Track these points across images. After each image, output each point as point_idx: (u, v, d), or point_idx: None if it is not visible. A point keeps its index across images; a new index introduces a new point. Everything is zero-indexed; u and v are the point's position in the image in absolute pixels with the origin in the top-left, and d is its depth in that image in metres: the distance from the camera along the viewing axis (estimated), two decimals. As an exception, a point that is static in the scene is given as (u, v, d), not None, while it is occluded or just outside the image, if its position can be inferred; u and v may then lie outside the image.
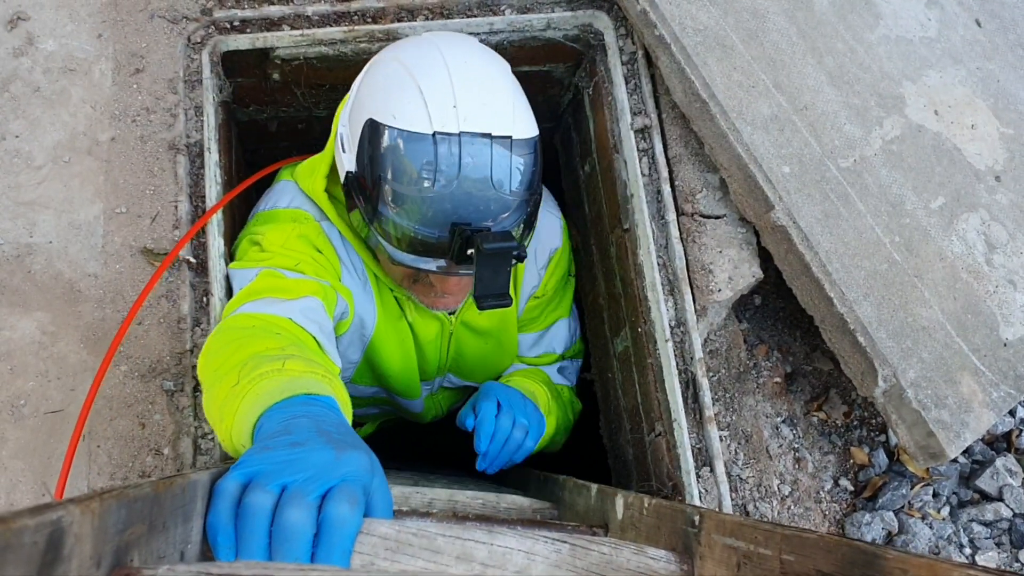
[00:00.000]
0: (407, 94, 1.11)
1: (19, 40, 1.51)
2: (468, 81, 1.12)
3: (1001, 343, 1.33)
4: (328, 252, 1.33)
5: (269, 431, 0.80)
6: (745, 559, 0.64)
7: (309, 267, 1.26)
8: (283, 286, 1.20)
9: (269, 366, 0.92)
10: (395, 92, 1.13)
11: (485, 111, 1.11)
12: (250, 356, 0.97)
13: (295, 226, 1.31)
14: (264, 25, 1.54)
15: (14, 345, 1.33)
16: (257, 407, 0.86)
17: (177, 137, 1.45)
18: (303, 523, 0.66)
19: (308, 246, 1.30)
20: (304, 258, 1.27)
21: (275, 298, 1.18)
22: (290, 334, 1.11)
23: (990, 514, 1.39)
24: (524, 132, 1.15)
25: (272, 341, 1.03)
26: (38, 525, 0.40)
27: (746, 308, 1.52)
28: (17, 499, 1.27)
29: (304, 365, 0.94)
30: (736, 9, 1.46)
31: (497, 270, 1.09)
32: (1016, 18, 1.65)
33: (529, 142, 1.16)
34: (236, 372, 0.94)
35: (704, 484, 1.29)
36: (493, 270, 1.08)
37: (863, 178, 1.38)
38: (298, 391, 0.87)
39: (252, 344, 1.01)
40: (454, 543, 0.71)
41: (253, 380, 0.89)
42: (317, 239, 1.32)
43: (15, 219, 1.40)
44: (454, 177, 1.08)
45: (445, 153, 1.08)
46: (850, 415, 1.46)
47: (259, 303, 1.16)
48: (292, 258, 1.26)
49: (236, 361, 0.97)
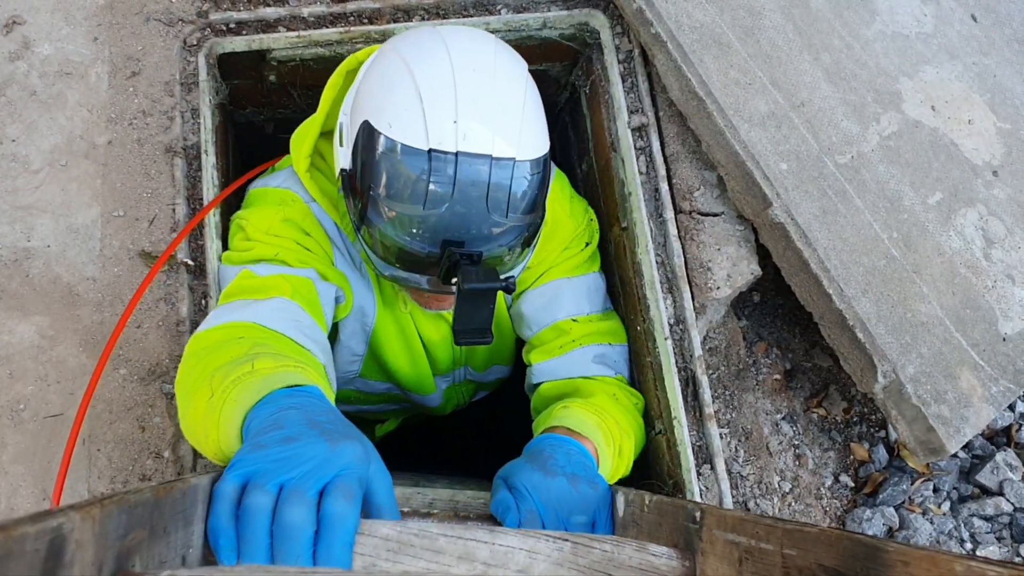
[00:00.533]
0: (406, 101, 1.03)
1: (15, 44, 1.51)
2: (473, 92, 1.03)
3: (1000, 338, 1.33)
4: (317, 234, 1.26)
5: (259, 427, 0.79)
6: (747, 554, 0.64)
7: (292, 255, 1.21)
8: (254, 286, 1.15)
9: (239, 371, 0.90)
10: (394, 96, 1.05)
11: (488, 129, 1.02)
12: (217, 368, 0.94)
13: (280, 209, 1.25)
14: (260, 27, 1.54)
15: (13, 349, 1.33)
16: (239, 410, 0.85)
17: (174, 140, 1.45)
18: (303, 521, 0.67)
19: (294, 230, 1.24)
20: (287, 245, 1.21)
21: (244, 300, 1.13)
22: (253, 337, 1.06)
23: (991, 508, 1.39)
24: (530, 152, 1.06)
25: (235, 349, 1.00)
26: (39, 532, 0.40)
27: (745, 305, 1.53)
28: (18, 503, 1.27)
29: (274, 361, 0.92)
30: (732, 6, 1.46)
31: (478, 306, 1.03)
32: (1012, 13, 1.65)
33: (535, 163, 1.06)
34: (208, 386, 0.92)
35: (705, 482, 1.29)
36: (474, 306, 1.03)
37: (861, 174, 1.38)
38: (277, 385, 0.86)
39: (217, 358, 0.98)
40: (456, 543, 0.71)
41: (227, 388, 0.88)
42: (304, 221, 1.25)
43: (13, 223, 1.40)
44: (447, 198, 1.01)
45: (440, 172, 1.00)
46: (850, 411, 1.46)
47: (225, 310, 1.12)
48: (273, 246, 1.21)
49: (205, 377, 0.95)
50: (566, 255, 1.40)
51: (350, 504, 0.68)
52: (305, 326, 1.14)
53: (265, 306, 1.12)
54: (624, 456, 1.24)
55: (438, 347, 1.46)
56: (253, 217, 1.25)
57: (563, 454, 1.08)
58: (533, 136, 1.07)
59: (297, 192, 1.27)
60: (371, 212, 1.07)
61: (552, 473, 1.02)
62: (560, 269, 1.40)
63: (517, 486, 1.00)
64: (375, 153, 1.04)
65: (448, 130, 1.00)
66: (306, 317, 1.15)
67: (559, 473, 1.02)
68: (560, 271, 1.40)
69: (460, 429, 2.33)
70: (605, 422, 1.21)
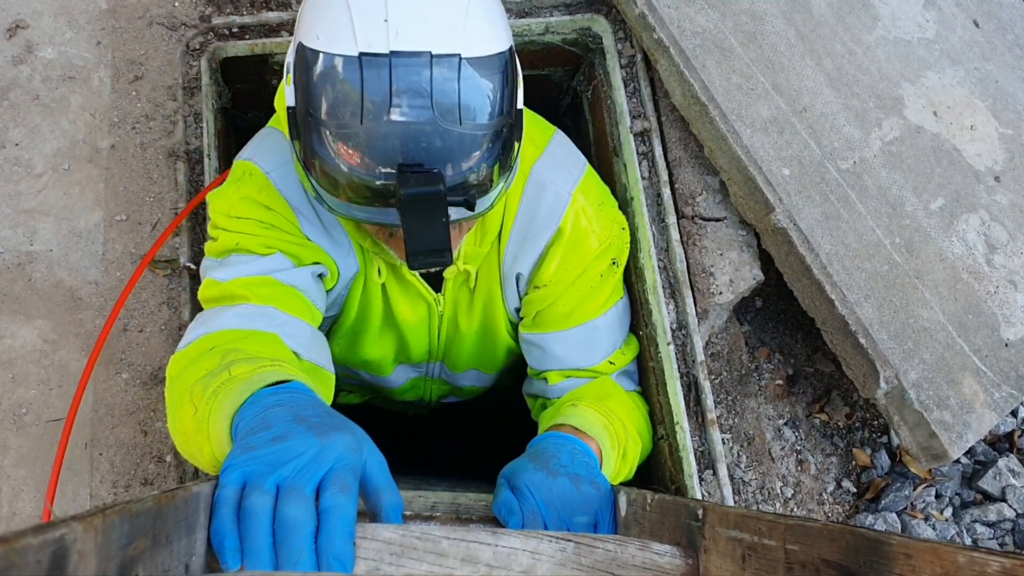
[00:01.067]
0: (335, 10, 0.91)
1: (18, 48, 1.51)
2: None
3: (1002, 343, 1.33)
4: (278, 206, 1.15)
5: (247, 428, 0.79)
6: (750, 551, 0.64)
7: (254, 241, 1.13)
8: (219, 295, 1.11)
9: (217, 381, 0.89)
10: (326, 11, 0.92)
11: (425, 23, 0.89)
12: (195, 383, 0.93)
13: (238, 187, 1.16)
14: (263, 31, 1.54)
15: (15, 353, 1.33)
16: (225, 417, 0.84)
17: (177, 144, 1.45)
18: (304, 517, 0.67)
19: (253, 207, 1.14)
20: (248, 228, 1.13)
21: (212, 310, 1.10)
22: (223, 345, 1.02)
23: (993, 514, 1.39)
24: (479, 48, 0.92)
25: (208, 361, 0.97)
26: (41, 544, 0.40)
27: (747, 311, 1.53)
28: (20, 508, 1.27)
29: (249, 364, 0.91)
30: (735, 12, 1.46)
31: (427, 221, 0.91)
32: (1014, 18, 1.65)
33: (488, 60, 0.92)
34: (190, 403, 0.92)
35: (707, 487, 1.29)
36: (422, 221, 0.90)
37: (863, 180, 1.38)
38: (258, 386, 0.85)
39: (192, 374, 0.97)
40: (458, 545, 0.71)
41: (209, 400, 0.88)
42: (261, 194, 1.14)
43: (15, 227, 1.40)
44: (384, 108, 0.88)
45: (373, 79, 0.88)
46: (852, 417, 1.46)
47: (195, 326, 1.09)
48: (234, 234, 1.14)
49: (186, 394, 0.94)
50: (589, 280, 1.28)
51: (346, 496, 0.69)
52: (278, 322, 1.09)
53: (231, 312, 1.08)
54: (628, 460, 1.23)
55: (413, 331, 1.35)
56: (217, 200, 1.17)
57: (567, 453, 1.07)
58: (480, 32, 0.93)
59: (257, 163, 1.17)
60: (315, 142, 0.94)
61: (555, 473, 1.00)
62: (590, 307, 1.29)
63: (520, 487, 0.99)
64: (307, 74, 0.92)
65: (379, 30, 0.88)
66: (280, 314, 1.10)
67: (562, 473, 1.01)
68: (590, 309, 1.29)
69: (461, 431, 2.33)
70: (612, 424, 1.19)
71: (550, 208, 1.22)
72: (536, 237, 1.24)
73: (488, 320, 1.35)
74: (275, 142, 1.18)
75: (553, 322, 1.29)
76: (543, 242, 1.24)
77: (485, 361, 1.46)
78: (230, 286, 1.10)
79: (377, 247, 1.18)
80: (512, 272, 1.27)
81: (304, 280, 1.15)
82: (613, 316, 1.33)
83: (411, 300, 1.28)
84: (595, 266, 1.27)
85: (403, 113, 0.88)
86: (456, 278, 1.27)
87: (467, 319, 1.34)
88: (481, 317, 1.34)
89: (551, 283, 1.26)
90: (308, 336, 1.12)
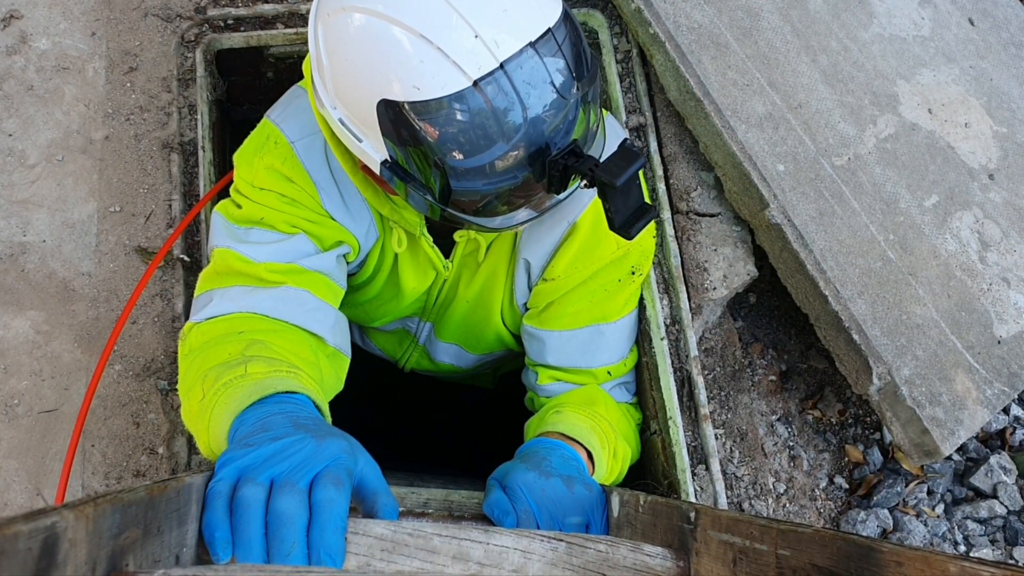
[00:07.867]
0: (414, 51, 0.87)
1: (12, 39, 1.50)
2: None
3: (995, 341, 1.33)
4: (300, 179, 1.14)
5: (246, 431, 0.81)
6: (741, 555, 0.64)
7: (279, 217, 1.12)
8: (247, 271, 1.10)
9: (231, 374, 0.91)
10: (394, 57, 0.88)
11: (509, 20, 0.88)
12: (211, 368, 0.95)
13: (263, 155, 1.14)
14: (258, 23, 1.54)
15: (8, 344, 1.33)
16: (228, 415, 0.87)
17: (171, 136, 1.45)
18: (296, 509, 0.69)
19: (276, 179, 1.13)
20: (270, 203, 1.13)
21: (244, 287, 1.08)
22: (252, 332, 1.02)
23: (984, 511, 1.39)
24: (554, 12, 0.92)
25: (233, 346, 0.98)
26: (32, 531, 0.40)
27: (741, 306, 1.53)
28: (11, 499, 1.27)
29: (266, 366, 0.93)
30: (731, 7, 1.46)
31: (630, 191, 0.91)
32: (1008, 16, 1.65)
33: (563, 19, 0.93)
34: (200, 387, 0.93)
35: (700, 482, 1.29)
36: (626, 194, 0.91)
37: (857, 176, 1.38)
38: (267, 392, 0.88)
39: (212, 356, 0.98)
40: (450, 543, 0.71)
41: (218, 391, 0.90)
42: (284, 165, 1.13)
43: (8, 218, 1.39)
44: (520, 118, 0.88)
45: (498, 96, 0.87)
46: (845, 413, 1.46)
47: (225, 300, 1.07)
48: (259, 206, 1.13)
49: (199, 377, 0.96)
50: (603, 284, 1.26)
51: (339, 491, 0.71)
52: (312, 309, 1.10)
53: (266, 294, 1.07)
54: (619, 458, 1.22)
55: (410, 295, 1.34)
56: (243, 165, 1.16)
57: (557, 457, 1.07)
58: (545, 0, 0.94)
59: (283, 130, 1.16)
60: (456, 184, 0.93)
61: (547, 474, 1.00)
62: (600, 311, 1.28)
63: (512, 486, 0.98)
64: (419, 128, 0.89)
65: (477, 49, 0.86)
66: (313, 300, 1.11)
67: (554, 474, 1.00)
68: (600, 313, 1.28)
69: (454, 427, 2.33)
70: (599, 424, 1.19)
71: (571, 200, 1.17)
72: (551, 227, 1.23)
73: (485, 293, 1.33)
74: (303, 107, 1.17)
75: (559, 319, 1.28)
76: (558, 233, 1.23)
77: (470, 338, 1.45)
78: (261, 270, 1.10)
79: (397, 214, 1.17)
80: (521, 256, 1.26)
81: (329, 265, 1.16)
82: (623, 326, 1.31)
83: (420, 268, 1.28)
84: (611, 270, 1.25)
85: (536, 108, 0.89)
86: (467, 244, 1.25)
87: (466, 286, 1.33)
88: (480, 288, 1.33)
89: (560, 277, 1.24)
90: (333, 320, 1.15)
